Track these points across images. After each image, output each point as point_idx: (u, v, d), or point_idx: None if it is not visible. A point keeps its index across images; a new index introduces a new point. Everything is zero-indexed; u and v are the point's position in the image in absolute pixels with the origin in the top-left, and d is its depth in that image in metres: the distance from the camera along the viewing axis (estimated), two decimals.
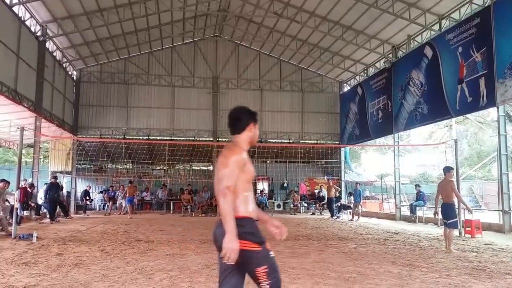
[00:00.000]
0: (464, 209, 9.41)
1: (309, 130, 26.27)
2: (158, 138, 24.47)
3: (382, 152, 36.10)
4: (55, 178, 16.90)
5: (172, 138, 24.43)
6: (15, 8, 15.06)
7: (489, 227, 13.22)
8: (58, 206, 16.35)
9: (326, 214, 20.80)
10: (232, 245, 2.64)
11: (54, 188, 15.90)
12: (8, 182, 12.71)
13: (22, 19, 15.82)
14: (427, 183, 29.30)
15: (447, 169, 9.23)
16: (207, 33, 25.25)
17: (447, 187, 8.96)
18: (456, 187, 9.31)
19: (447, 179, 9.09)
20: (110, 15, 18.79)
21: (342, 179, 25.89)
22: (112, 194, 20.98)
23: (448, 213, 8.83)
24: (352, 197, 19.26)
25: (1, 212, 11.13)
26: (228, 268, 2.82)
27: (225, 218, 2.69)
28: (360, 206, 18.64)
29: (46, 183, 17.15)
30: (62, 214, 17.34)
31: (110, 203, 20.79)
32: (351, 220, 17.87)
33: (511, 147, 16.74)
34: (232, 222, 2.68)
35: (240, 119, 3.15)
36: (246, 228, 2.79)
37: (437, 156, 31.08)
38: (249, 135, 3.09)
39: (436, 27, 16.90)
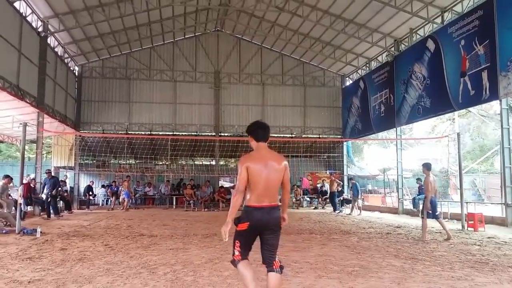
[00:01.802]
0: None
1: (311, 124, 26.25)
2: (161, 133, 24.48)
3: (384, 146, 36.05)
4: (49, 172, 16.14)
5: (175, 133, 24.44)
6: (16, 4, 15.03)
7: (492, 220, 13.21)
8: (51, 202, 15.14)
9: (329, 208, 20.81)
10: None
11: (50, 183, 15.17)
12: (11, 178, 12.76)
13: (24, 14, 15.81)
14: None
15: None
16: (209, 28, 25.18)
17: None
18: None
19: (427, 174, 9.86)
20: (111, 10, 18.76)
21: (345, 173, 25.89)
22: (115, 189, 21.01)
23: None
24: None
25: (6, 208, 11.19)
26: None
27: (287, 205, 4.18)
28: (359, 200, 18.64)
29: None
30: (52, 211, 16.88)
31: (113, 198, 20.83)
32: (350, 214, 17.85)
33: None
34: None
35: None
36: None
37: (439, 149, 31.03)
38: None
39: (439, 20, 16.81)
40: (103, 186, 23.22)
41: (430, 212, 9.56)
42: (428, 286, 5.09)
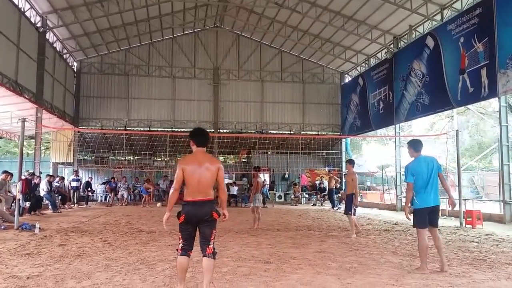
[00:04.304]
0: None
1: (310, 121, 26.25)
2: (159, 129, 24.47)
3: (383, 143, 36.09)
4: (32, 174, 15.65)
5: (173, 129, 24.43)
6: None
7: (490, 217, 13.24)
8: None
9: (327, 205, 20.84)
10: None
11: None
12: (11, 174, 12.71)
13: (22, 10, 15.77)
14: None
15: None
16: (208, 24, 25.13)
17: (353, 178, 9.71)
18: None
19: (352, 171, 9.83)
20: (110, 5, 18.72)
21: (343, 170, 25.90)
22: (114, 185, 20.98)
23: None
24: None
25: (4, 204, 11.17)
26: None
27: (226, 202, 4.78)
28: None
29: (48, 175, 17.13)
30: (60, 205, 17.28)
31: (112, 194, 20.80)
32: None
33: None
34: None
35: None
36: None
37: (438, 147, 31.02)
38: None
39: (438, 17, 16.80)
40: (103, 183, 23.16)
41: (356, 208, 9.59)
42: (426, 283, 5.10)
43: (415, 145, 6.01)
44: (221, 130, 25.13)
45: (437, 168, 5.82)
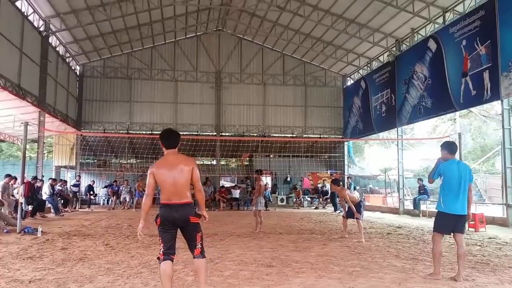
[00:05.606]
0: None
1: (312, 124, 26.24)
2: None
3: (385, 146, 36.04)
4: (35, 177, 15.78)
5: None
6: (18, 3, 15.05)
7: (492, 221, 13.20)
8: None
9: (330, 208, 20.81)
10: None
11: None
12: (15, 178, 12.71)
13: (25, 14, 15.83)
14: None
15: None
16: (210, 27, 25.18)
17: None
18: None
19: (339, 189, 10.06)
20: (113, 9, 18.77)
21: (346, 173, 25.88)
22: (116, 188, 21.01)
23: None
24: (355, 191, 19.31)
25: (7, 207, 11.19)
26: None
27: (203, 203, 4.50)
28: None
29: (50, 178, 17.18)
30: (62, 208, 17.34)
31: (114, 197, 20.83)
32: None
33: None
34: None
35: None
36: None
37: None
38: None
39: (440, 20, 16.80)
40: (105, 186, 23.19)
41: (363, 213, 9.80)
42: (429, 287, 5.09)
43: (449, 147, 5.78)
44: (223, 133, 25.15)
45: (469, 178, 5.59)
